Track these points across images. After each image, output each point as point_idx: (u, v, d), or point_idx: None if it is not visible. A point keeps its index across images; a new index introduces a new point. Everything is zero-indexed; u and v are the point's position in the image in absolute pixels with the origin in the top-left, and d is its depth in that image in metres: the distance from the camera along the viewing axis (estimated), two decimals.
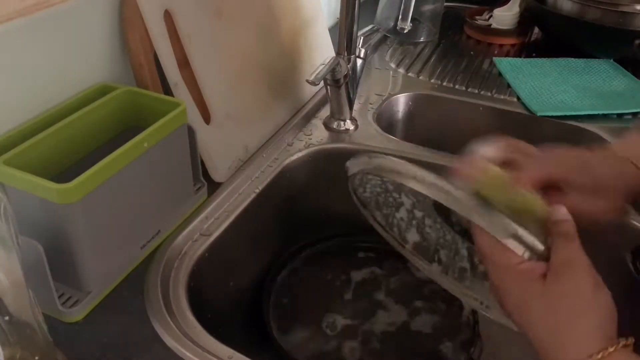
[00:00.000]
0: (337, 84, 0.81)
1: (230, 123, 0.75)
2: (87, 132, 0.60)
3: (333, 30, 1.03)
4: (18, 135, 0.55)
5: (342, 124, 0.86)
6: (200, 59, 0.70)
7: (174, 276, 0.59)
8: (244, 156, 0.77)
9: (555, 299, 0.40)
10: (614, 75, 1.03)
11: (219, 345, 0.52)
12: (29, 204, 0.51)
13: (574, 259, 0.41)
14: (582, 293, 0.40)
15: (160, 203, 0.62)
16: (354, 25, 0.78)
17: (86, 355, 0.51)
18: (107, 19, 0.65)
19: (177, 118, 0.60)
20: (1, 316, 0.41)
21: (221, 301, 0.68)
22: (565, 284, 0.40)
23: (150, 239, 0.61)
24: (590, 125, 0.89)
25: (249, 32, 0.79)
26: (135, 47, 0.65)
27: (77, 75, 0.64)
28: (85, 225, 0.52)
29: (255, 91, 0.80)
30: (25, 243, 0.46)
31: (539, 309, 0.41)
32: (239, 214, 0.69)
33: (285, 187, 0.78)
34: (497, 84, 1.01)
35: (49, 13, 0.58)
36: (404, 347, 0.68)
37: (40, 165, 0.54)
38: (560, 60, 1.08)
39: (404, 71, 1.05)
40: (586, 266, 0.41)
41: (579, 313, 0.40)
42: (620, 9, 1.04)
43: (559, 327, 0.40)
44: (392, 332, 0.70)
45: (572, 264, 0.41)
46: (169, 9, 0.66)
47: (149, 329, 0.53)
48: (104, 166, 0.52)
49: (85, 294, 0.55)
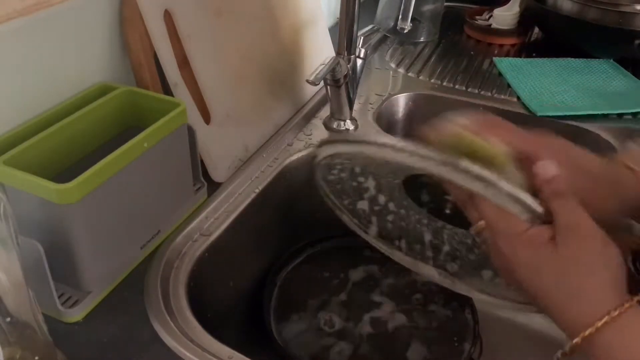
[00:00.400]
0: (337, 84, 0.81)
1: (230, 123, 0.75)
2: (87, 132, 0.60)
3: (333, 30, 1.02)
4: (18, 135, 0.55)
5: (342, 124, 0.86)
6: (200, 59, 0.70)
7: (174, 276, 0.59)
8: (244, 156, 0.77)
9: (567, 261, 0.40)
10: (614, 75, 1.03)
11: (219, 345, 0.52)
12: (29, 204, 0.51)
13: (578, 218, 0.41)
14: (592, 253, 0.40)
15: (160, 203, 0.62)
16: (354, 25, 0.78)
17: (86, 355, 0.51)
18: (107, 19, 0.65)
19: (177, 118, 0.60)
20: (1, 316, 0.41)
21: (221, 301, 0.69)
22: (574, 245, 0.40)
23: (150, 239, 0.61)
24: (590, 125, 0.89)
25: (249, 32, 0.79)
26: (135, 47, 0.65)
27: (77, 75, 0.64)
28: (85, 225, 0.52)
29: (255, 91, 0.80)
30: (25, 243, 0.46)
31: (551, 273, 0.41)
32: (239, 214, 0.69)
33: (285, 187, 0.78)
34: (497, 84, 1.01)
35: (49, 13, 0.58)
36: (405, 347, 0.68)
37: (40, 165, 0.54)
38: (560, 60, 1.08)
39: (404, 71, 1.05)
40: (591, 224, 0.41)
41: (591, 272, 0.40)
42: (620, 9, 1.04)
43: (573, 288, 0.40)
44: (392, 332, 0.70)
45: (577, 225, 0.41)
46: (169, 8, 0.66)
47: (149, 329, 0.53)
48: (104, 166, 0.52)
49: (85, 294, 0.55)
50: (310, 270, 0.77)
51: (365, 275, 0.77)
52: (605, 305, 0.38)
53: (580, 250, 0.40)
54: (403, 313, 0.72)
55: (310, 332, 0.69)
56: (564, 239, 0.41)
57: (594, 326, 0.38)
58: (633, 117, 0.91)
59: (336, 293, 0.74)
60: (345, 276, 0.77)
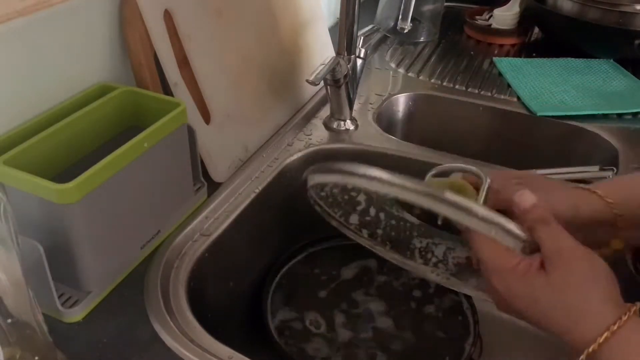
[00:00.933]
0: (337, 84, 0.81)
1: (230, 123, 0.75)
2: (87, 132, 0.60)
3: (333, 30, 1.03)
4: (18, 135, 0.55)
5: (342, 124, 0.86)
6: (200, 59, 0.70)
7: (174, 276, 0.59)
8: (244, 156, 0.77)
9: (558, 286, 0.42)
10: (614, 75, 1.03)
11: (219, 345, 0.52)
12: (29, 204, 0.51)
13: (561, 242, 0.43)
14: (580, 273, 0.42)
15: (160, 203, 0.62)
16: (354, 25, 0.78)
17: (86, 355, 0.51)
18: (107, 19, 0.65)
19: (177, 118, 0.60)
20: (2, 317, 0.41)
21: (221, 301, 0.69)
22: (562, 270, 0.42)
23: (150, 239, 0.61)
24: (590, 125, 0.89)
25: (249, 32, 0.79)
26: (135, 47, 0.65)
27: (77, 75, 0.64)
28: (85, 225, 0.52)
29: (255, 91, 0.80)
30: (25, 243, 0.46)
31: (547, 299, 0.42)
32: (239, 214, 0.69)
33: (285, 187, 0.78)
34: (497, 84, 1.01)
35: (49, 13, 0.58)
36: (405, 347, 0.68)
37: (40, 165, 0.54)
38: (560, 60, 1.08)
39: (404, 71, 1.05)
40: (573, 246, 0.43)
41: (583, 292, 0.41)
42: (620, 9, 1.04)
43: (571, 310, 0.41)
44: (392, 332, 0.70)
45: (561, 249, 0.43)
46: (169, 8, 0.66)
47: (149, 329, 0.53)
48: (104, 166, 0.52)
49: (85, 294, 0.55)
50: (310, 270, 0.77)
51: (365, 275, 0.77)
52: (604, 321, 0.40)
53: (568, 273, 0.42)
54: (403, 313, 0.72)
55: (311, 332, 0.69)
56: (551, 265, 0.42)
57: (596, 342, 0.39)
58: (633, 117, 0.91)
59: (336, 293, 0.74)
60: (345, 276, 0.77)
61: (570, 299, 0.41)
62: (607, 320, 0.40)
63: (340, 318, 0.71)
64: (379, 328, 0.70)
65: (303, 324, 0.70)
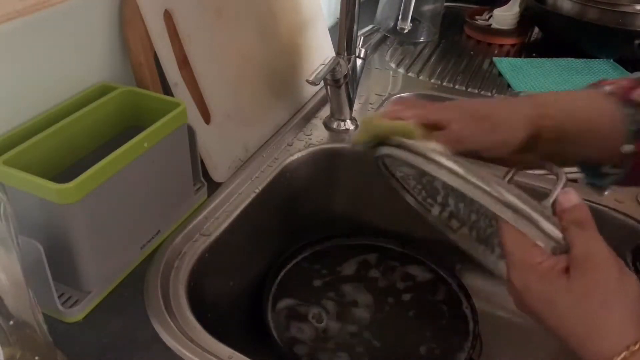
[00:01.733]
0: (337, 84, 0.81)
1: (230, 123, 0.75)
2: (87, 132, 0.60)
3: (333, 30, 1.02)
4: (18, 135, 0.55)
5: (342, 124, 0.86)
6: (200, 59, 0.70)
7: (174, 276, 0.59)
8: (244, 156, 0.77)
9: (582, 293, 0.39)
10: (613, 76, 1.03)
11: (219, 345, 0.52)
12: (29, 204, 0.51)
13: (595, 249, 0.40)
14: (606, 284, 0.39)
15: (160, 203, 0.62)
16: (354, 25, 0.78)
17: (86, 355, 0.51)
18: (107, 19, 0.65)
19: (177, 118, 0.60)
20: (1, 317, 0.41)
21: (221, 301, 0.69)
22: (587, 277, 0.39)
23: (150, 239, 0.61)
24: None
25: (249, 32, 0.79)
26: (135, 47, 0.65)
27: (77, 75, 0.64)
28: (85, 225, 0.52)
29: (255, 91, 0.80)
30: (25, 243, 0.46)
31: (565, 303, 0.40)
32: (239, 214, 0.69)
33: (285, 187, 0.78)
34: (497, 84, 1.01)
35: (49, 13, 0.58)
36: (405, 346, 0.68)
37: (40, 165, 0.54)
38: (560, 60, 1.08)
39: (404, 71, 1.05)
40: (607, 255, 0.40)
41: (606, 305, 0.39)
42: (620, 9, 1.04)
43: (590, 320, 0.39)
44: (392, 332, 0.70)
45: (593, 256, 0.40)
46: (169, 8, 0.66)
47: (149, 329, 0.53)
48: (104, 166, 0.52)
49: (85, 294, 0.55)
50: (310, 270, 0.77)
51: (365, 275, 0.77)
52: (624, 340, 0.37)
53: (592, 282, 0.39)
54: (404, 313, 0.72)
55: (311, 332, 0.69)
56: (576, 270, 0.40)
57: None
58: None
59: (336, 292, 0.74)
60: (345, 275, 0.77)
61: (589, 310, 0.39)
62: (627, 339, 0.37)
63: (340, 318, 0.71)
64: (379, 328, 0.70)
65: (303, 324, 0.70)
